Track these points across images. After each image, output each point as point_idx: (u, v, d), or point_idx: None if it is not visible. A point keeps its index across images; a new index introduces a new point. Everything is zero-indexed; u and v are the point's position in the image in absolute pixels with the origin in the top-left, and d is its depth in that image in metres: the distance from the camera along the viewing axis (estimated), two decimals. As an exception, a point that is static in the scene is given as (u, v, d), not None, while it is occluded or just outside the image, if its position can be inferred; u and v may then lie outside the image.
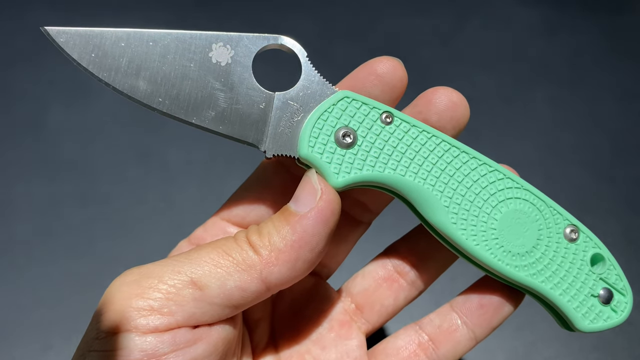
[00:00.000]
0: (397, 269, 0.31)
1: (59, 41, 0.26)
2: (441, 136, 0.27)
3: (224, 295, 0.24)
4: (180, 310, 0.23)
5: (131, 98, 0.26)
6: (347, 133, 0.26)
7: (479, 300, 0.30)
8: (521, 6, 0.62)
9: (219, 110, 0.26)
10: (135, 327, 0.23)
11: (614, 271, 0.28)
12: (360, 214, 0.32)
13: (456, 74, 0.57)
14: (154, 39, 0.26)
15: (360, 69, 0.28)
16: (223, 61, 0.26)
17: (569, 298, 0.27)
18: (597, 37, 0.60)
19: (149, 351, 0.23)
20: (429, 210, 0.27)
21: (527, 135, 0.54)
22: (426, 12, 0.61)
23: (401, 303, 0.32)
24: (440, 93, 0.28)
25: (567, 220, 0.28)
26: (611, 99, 0.56)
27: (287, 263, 0.25)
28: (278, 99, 0.27)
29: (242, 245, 0.25)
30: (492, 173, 0.27)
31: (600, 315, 0.28)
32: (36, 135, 0.52)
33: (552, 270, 0.27)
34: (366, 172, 0.27)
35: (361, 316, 0.32)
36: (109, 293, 0.24)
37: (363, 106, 0.27)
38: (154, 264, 0.25)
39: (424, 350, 0.30)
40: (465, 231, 0.27)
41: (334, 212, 0.26)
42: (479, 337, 0.30)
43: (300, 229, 0.25)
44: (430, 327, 0.30)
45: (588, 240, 0.28)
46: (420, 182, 0.27)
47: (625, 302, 0.28)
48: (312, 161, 0.27)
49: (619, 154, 0.53)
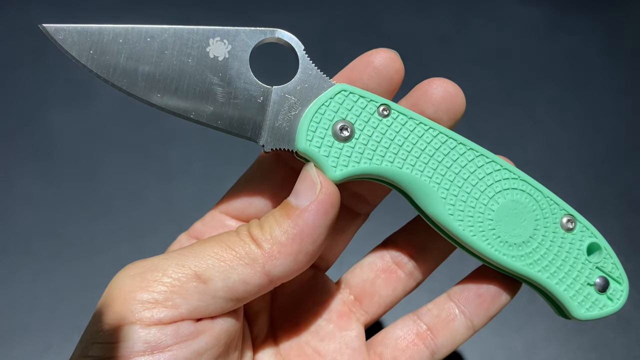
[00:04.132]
0: (395, 260, 0.32)
1: (58, 38, 0.26)
2: (438, 128, 0.27)
3: (227, 288, 0.24)
4: (185, 303, 0.24)
5: (130, 94, 0.26)
6: (345, 126, 0.27)
7: (476, 289, 0.30)
8: (521, 6, 0.62)
9: (217, 105, 0.27)
10: (140, 319, 0.23)
11: (610, 260, 0.28)
12: (358, 206, 0.32)
13: (456, 74, 0.57)
14: (151, 35, 0.26)
15: (357, 61, 0.28)
16: (220, 56, 0.27)
17: (566, 287, 0.28)
18: (597, 37, 0.60)
19: (153, 343, 0.23)
20: (427, 202, 0.27)
21: (527, 135, 0.54)
22: (426, 12, 0.62)
23: (399, 294, 0.32)
24: (435, 84, 0.28)
25: (564, 210, 0.28)
26: (611, 99, 0.57)
27: (289, 256, 0.25)
28: (276, 93, 0.27)
29: (244, 239, 0.25)
30: (489, 164, 0.28)
31: (596, 303, 0.28)
32: (36, 135, 0.52)
33: (549, 259, 0.28)
34: (364, 165, 0.27)
35: (360, 307, 0.32)
36: (112, 286, 0.24)
37: (360, 99, 0.27)
38: (157, 258, 0.25)
39: (422, 339, 0.30)
40: (462, 222, 0.27)
41: (334, 204, 0.26)
42: (477, 326, 0.30)
43: (302, 223, 0.25)
44: (429, 317, 0.31)
45: (585, 229, 0.28)
46: (418, 174, 0.27)
47: (621, 290, 0.28)
48: (310, 155, 0.27)
49: (618, 154, 0.53)
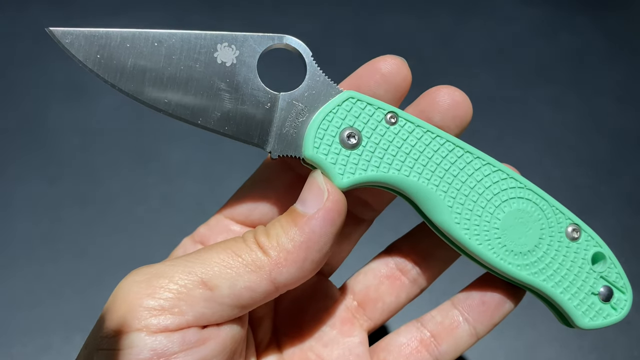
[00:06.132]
0: (399, 266, 0.32)
1: (65, 42, 0.26)
2: (445, 136, 0.27)
3: (233, 295, 0.24)
4: (191, 310, 0.23)
5: (137, 99, 0.26)
6: (352, 134, 0.27)
7: (480, 297, 0.30)
8: (522, 6, 0.62)
9: (224, 111, 0.27)
10: (146, 326, 0.23)
11: (614, 269, 0.28)
12: (362, 212, 0.32)
13: (456, 74, 0.58)
14: (159, 40, 0.26)
15: (364, 68, 0.28)
16: (228, 61, 0.27)
17: (570, 296, 0.28)
18: (597, 37, 0.61)
19: (159, 350, 0.23)
20: (433, 209, 0.27)
21: (527, 135, 0.54)
22: (426, 12, 0.62)
23: (403, 300, 0.32)
24: (443, 92, 0.28)
25: (570, 220, 0.28)
26: (611, 99, 0.57)
27: (296, 264, 0.25)
28: (283, 100, 0.27)
29: (251, 246, 0.25)
30: (495, 173, 0.28)
31: (600, 312, 0.28)
32: (36, 135, 0.52)
33: (554, 268, 0.28)
34: (371, 172, 0.27)
35: (363, 313, 0.32)
36: (118, 292, 0.24)
37: (368, 107, 0.27)
38: (163, 264, 0.25)
39: (425, 346, 0.30)
40: (468, 231, 0.27)
41: (341, 212, 0.26)
42: (480, 334, 0.30)
43: (308, 230, 0.25)
44: (432, 324, 0.31)
45: (590, 239, 0.28)
46: (424, 182, 0.27)
47: (625, 299, 0.28)
48: (317, 162, 0.27)
49: (619, 154, 0.54)
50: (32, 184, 0.50)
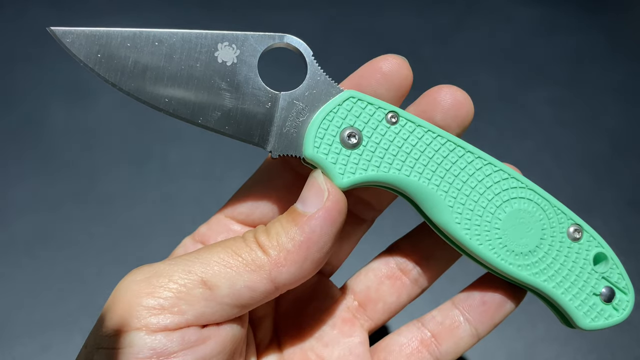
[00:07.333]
0: (400, 266, 0.32)
1: (65, 42, 0.25)
2: (446, 136, 0.27)
3: (233, 295, 0.24)
4: (191, 309, 0.23)
5: (138, 98, 0.26)
6: (353, 133, 0.27)
7: (481, 297, 0.30)
8: (521, 6, 0.62)
9: (224, 111, 0.27)
10: (146, 325, 0.23)
11: (616, 270, 0.28)
12: (363, 212, 0.32)
13: (456, 74, 0.58)
14: (159, 39, 0.26)
15: (366, 67, 0.28)
16: (229, 61, 0.26)
17: (571, 296, 0.28)
18: (597, 37, 0.61)
19: (158, 349, 0.23)
20: (434, 210, 0.27)
21: (527, 135, 0.54)
22: (426, 12, 0.62)
23: (404, 300, 0.32)
24: (444, 91, 0.28)
25: (571, 220, 0.28)
26: (611, 99, 0.57)
27: (296, 263, 0.25)
28: (284, 99, 0.27)
29: (251, 246, 0.25)
30: (496, 173, 0.27)
31: (601, 313, 0.28)
32: (36, 135, 0.52)
33: (555, 269, 0.28)
34: (371, 172, 0.27)
35: (364, 313, 0.32)
36: (118, 291, 0.24)
37: (368, 106, 0.27)
38: (163, 263, 0.25)
39: (426, 346, 0.30)
40: (469, 231, 0.27)
41: (341, 212, 0.26)
42: (481, 334, 0.30)
43: (309, 230, 0.25)
44: (433, 324, 0.31)
45: (591, 239, 0.28)
46: (425, 182, 0.27)
47: (627, 300, 0.28)
48: (317, 162, 0.27)
49: (619, 154, 0.54)
50: (32, 183, 0.50)
